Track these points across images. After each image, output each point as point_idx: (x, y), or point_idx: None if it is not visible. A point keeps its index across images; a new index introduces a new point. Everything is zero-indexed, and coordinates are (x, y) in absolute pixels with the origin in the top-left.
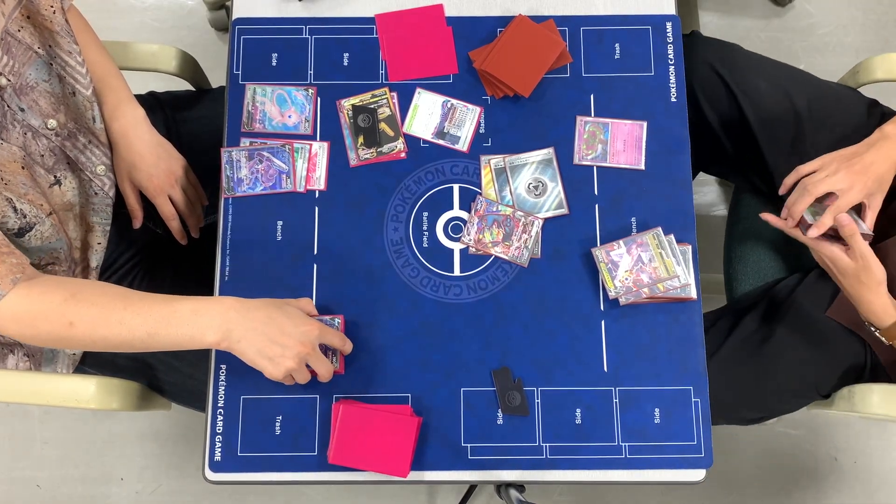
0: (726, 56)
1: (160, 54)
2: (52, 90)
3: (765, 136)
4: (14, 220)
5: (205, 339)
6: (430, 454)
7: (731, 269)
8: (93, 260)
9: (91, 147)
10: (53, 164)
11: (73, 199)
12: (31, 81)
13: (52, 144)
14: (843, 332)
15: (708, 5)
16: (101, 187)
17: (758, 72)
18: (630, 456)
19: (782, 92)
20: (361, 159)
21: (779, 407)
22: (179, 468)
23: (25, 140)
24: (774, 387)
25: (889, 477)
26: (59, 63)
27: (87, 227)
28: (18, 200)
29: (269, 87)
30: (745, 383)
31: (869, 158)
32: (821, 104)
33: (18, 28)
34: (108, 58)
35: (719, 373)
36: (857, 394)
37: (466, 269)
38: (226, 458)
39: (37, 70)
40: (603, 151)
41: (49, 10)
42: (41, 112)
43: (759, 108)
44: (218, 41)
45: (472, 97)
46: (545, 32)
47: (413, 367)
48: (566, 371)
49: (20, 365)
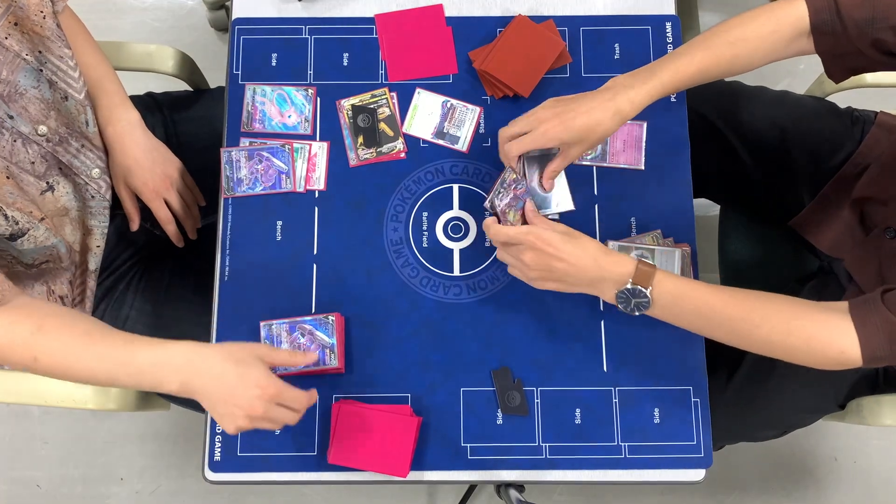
0: (708, 95)
1: (157, 55)
2: (41, 96)
3: (755, 165)
4: (5, 227)
5: (163, 388)
6: (429, 454)
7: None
8: (91, 262)
9: (84, 151)
10: (45, 171)
11: (67, 204)
12: (20, 88)
13: (43, 150)
14: None
15: (708, 5)
16: (98, 190)
17: (740, 104)
18: (630, 456)
19: (766, 117)
20: (361, 159)
21: (796, 423)
22: (179, 468)
23: (13, 148)
24: (791, 405)
25: (889, 477)
26: (50, 68)
27: (85, 231)
28: (8, 208)
29: (269, 87)
30: (761, 405)
31: (583, 107)
32: (800, 122)
33: (5, 36)
34: (102, 60)
35: (736, 398)
36: (864, 407)
37: (466, 269)
38: (225, 458)
39: (25, 77)
40: (603, 151)
41: (39, 16)
42: (31, 118)
43: (749, 141)
44: (218, 41)
45: (471, 97)
46: (545, 32)
47: (413, 367)
48: (566, 371)
49: None
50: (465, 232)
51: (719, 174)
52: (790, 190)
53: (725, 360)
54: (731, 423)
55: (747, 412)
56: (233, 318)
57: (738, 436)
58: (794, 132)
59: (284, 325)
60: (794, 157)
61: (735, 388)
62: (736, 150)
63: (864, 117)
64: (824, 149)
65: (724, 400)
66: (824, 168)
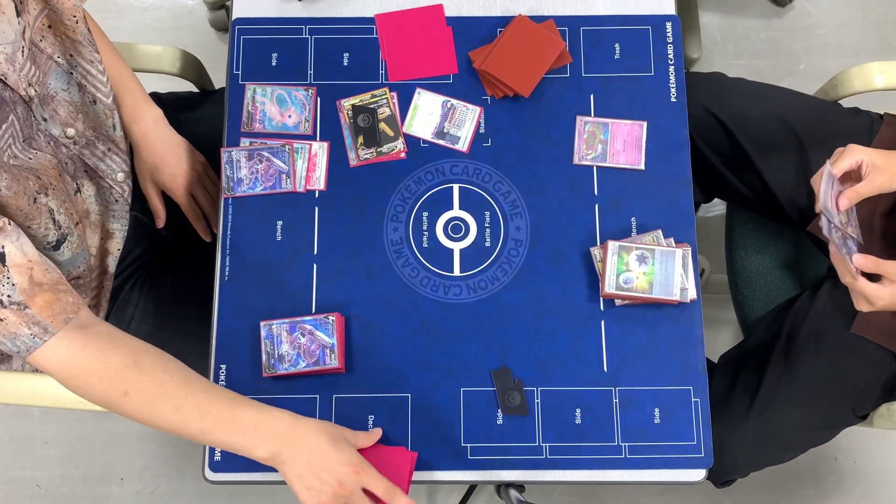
0: (713, 90)
1: (164, 55)
2: (70, 99)
3: (770, 168)
4: (54, 233)
5: (254, 453)
6: (430, 454)
7: (740, 295)
8: (111, 266)
9: (111, 154)
10: (74, 172)
11: (90, 207)
12: (52, 91)
13: (70, 153)
14: (872, 348)
15: (708, 5)
16: (122, 194)
17: (745, 100)
18: (630, 456)
19: (774, 116)
20: (361, 159)
21: (817, 440)
22: (179, 468)
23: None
24: (815, 423)
25: (889, 477)
26: (80, 72)
27: (105, 234)
28: (57, 211)
29: (269, 87)
30: (785, 428)
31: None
32: (811, 122)
33: (41, 38)
34: (120, 60)
35: (758, 424)
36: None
37: (466, 269)
38: (226, 457)
39: (56, 79)
40: (603, 151)
41: (72, 20)
42: (60, 121)
43: (755, 137)
44: (218, 41)
45: (472, 97)
46: (545, 32)
47: (413, 367)
48: (566, 371)
49: (25, 366)
50: (465, 232)
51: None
52: (798, 188)
53: (744, 388)
54: (757, 448)
55: (771, 436)
56: (233, 318)
57: (765, 461)
58: (803, 129)
59: (285, 324)
60: (804, 153)
61: (757, 413)
62: (742, 146)
63: (873, 116)
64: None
65: (747, 426)
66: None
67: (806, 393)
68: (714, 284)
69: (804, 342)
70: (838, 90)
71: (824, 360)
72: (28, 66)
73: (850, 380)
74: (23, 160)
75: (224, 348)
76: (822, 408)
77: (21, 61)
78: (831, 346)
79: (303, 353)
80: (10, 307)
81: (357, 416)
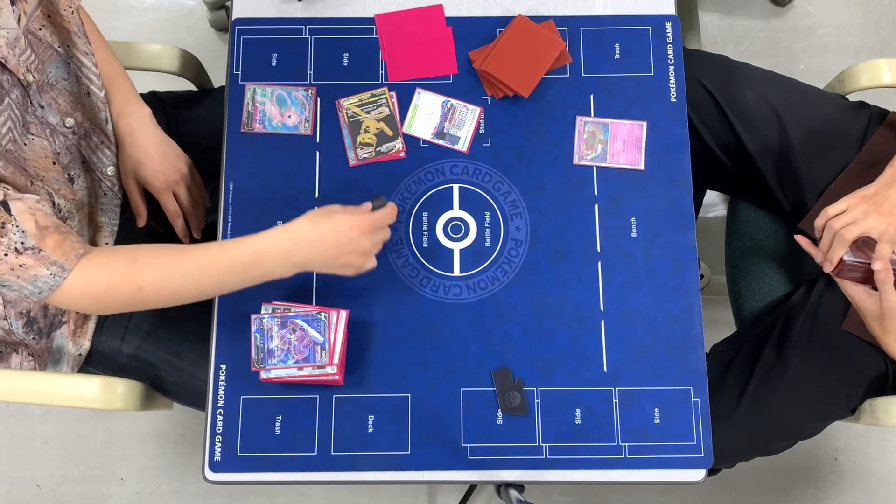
0: (711, 69)
1: (163, 54)
2: (70, 89)
3: (758, 151)
4: (52, 214)
5: (275, 274)
6: (430, 454)
7: (736, 288)
8: None
9: (103, 148)
10: (69, 162)
11: (83, 198)
12: (52, 79)
13: (68, 142)
14: (862, 345)
15: (708, 5)
16: (111, 188)
17: (744, 83)
18: (630, 456)
19: (770, 105)
20: (360, 159)
21: (808, 432)
22: (179, 468)
23: (46, 137)
24: (805, 415)
25: (889, 477)
26: (76, 63)
27: (95, 228)
28: (56, 195)
29: (269, 88)
30: (774, 420)
31: (894, 197)
32: (809, 113)
33: (40, 27)
34: (114, 57)
35: (748, 413)
36: (878, 408)
37: (466, 269)
38: (226, 458)
39: (56, 68)
40: (603, 151)
41: (67, 11)
42: (59, 110)
43: (750, 123)
44: (218, 41)
45: (471, 97)
46: (545, 32)
47: (413, 367)
48: (566, 371)
49: (24, 364)
50: (465, 232)
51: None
52: (791, 176)
53: (735, 378)
54: (745, 439)
55: (760, 426)
56: (233, 318)
57: (752, 451)
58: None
59: (276, 319)
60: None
61: (746, 404)
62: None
63: (873, 112)
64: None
65: (736, 416)
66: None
67: (796, 386)
68: (714, 287)
69: (797, 337)
70: (845, 86)
71: (815, 354)
72: (28, 53)
73: (840, 375)
74: (19, 146)
75: (224, 348)
76: (812, 401)
77: (22, 47)
78: (823, 342)
79: (292, 350)
80: (25, 252)
81: (357, 416)
